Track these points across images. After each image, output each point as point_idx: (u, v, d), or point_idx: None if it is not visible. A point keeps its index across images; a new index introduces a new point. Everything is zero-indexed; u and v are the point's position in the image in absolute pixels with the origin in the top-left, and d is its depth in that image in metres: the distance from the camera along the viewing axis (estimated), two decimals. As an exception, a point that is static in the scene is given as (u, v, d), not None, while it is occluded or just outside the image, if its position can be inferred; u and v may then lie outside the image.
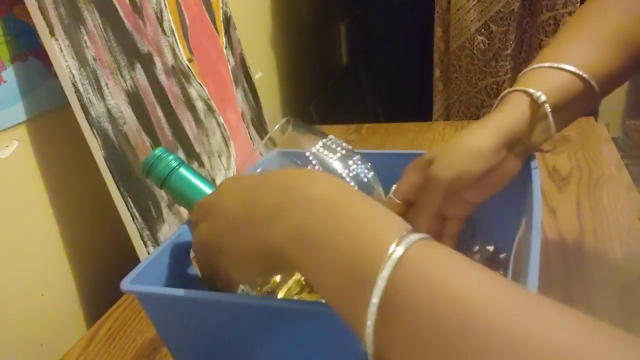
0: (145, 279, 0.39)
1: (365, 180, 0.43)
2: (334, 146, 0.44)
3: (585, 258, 0.57)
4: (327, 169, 0.43)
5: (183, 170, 0.41)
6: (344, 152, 0.44)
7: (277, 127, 0.45)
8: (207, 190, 0.41)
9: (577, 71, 0.42)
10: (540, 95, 0.41)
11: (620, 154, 0.82)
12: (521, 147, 0.43)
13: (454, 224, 0.46)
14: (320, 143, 0.44)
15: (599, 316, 0.19)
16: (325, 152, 0.44)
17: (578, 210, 0.66)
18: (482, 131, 0.41)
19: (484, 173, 0.41)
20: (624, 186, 0.71)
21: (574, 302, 0.50)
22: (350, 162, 0.44)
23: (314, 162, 0.44)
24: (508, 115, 0.42)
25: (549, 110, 0.41)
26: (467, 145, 0.41)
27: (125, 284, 0.37)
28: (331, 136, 0.45)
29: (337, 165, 0.43)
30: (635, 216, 0.63)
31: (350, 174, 0.43)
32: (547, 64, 0.43)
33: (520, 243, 0.46)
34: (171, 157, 0.41)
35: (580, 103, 0.43)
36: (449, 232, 0.46)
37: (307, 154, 0.43)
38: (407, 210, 0.45)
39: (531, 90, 0.42)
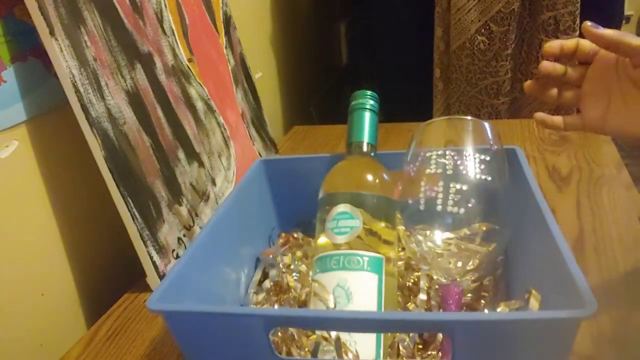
0: (171, 295, 0.37)
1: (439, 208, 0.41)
2: (435, 162, 0.42)
3: (585, 258, 0.57)
4: (411, 184, 0.43)
5: (366, 114, 0.54)
6: (439, 171, 0.41)
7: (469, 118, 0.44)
8: (364, 137, 0.53)
9: None
10: None
11: (620, 154, 0.82)
12: None
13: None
14: (429, 152, 0.43)
15: (598, 317, 0.19)
16: (417, 164, 0.43)
17: (578, 210, 0.66)
18: None
19: None
20: (624, 186, 0.71)
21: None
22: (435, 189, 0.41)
23: (405, 166, 0.45)
24: None
25: None
26: None
27: (153, 302, 0.36)
28: (466, 152, 0.42)
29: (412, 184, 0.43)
30: (635, 216, 0.63)
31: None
32: None
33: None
34: (368, 101, 0.54)
35: None
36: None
37: (416, 155, 0.45)
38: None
39: None
